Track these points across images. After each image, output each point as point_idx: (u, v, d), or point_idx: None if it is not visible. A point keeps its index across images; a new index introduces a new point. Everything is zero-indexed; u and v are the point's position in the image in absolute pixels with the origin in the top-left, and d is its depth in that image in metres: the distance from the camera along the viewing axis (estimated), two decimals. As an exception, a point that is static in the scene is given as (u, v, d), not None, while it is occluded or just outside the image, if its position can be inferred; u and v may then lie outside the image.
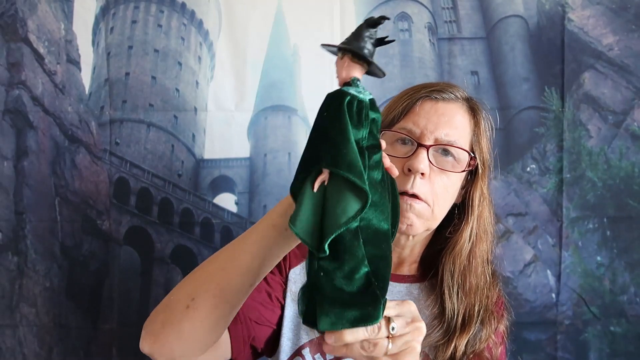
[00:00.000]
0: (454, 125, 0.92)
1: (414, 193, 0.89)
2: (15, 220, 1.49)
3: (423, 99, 0.93)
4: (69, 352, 1.50)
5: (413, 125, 0.91)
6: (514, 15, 1.58)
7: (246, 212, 1.57)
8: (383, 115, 0.97)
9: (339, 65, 0.64)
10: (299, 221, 0.59)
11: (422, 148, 0.89)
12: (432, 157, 0.90)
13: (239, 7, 1.57)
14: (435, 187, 0.91)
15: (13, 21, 1.49)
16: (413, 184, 0.88)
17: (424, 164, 0.88)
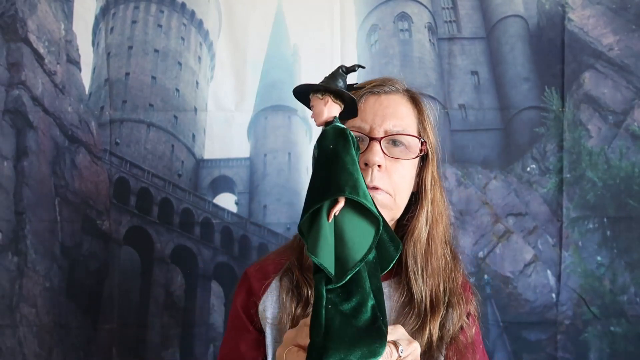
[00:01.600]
0: (399, 115, 0.96)
1: (374, 186, 0.92)
2: (15, 220, 1.49)
3: (366, 95, 0.97)
4: (69, 352, 1.50)
5: (362, 122, 0.94)
6: (514, 15, 1.58)
7: (246, 212, 1.57)
8: None
9: (319, 105, 0.68)
10: (320, 251, 0.60)
11: (375, 141, 0.93)
12: (385, 149, 0.93)
13: (239, 7, 1.57)
14: (393, 177, 0.94)
15: (13, 21, 1.49)
16: (372, 177, 0.92)
17: (379, 156, 0.92)
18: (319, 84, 0.68)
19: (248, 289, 0.99)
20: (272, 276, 0.99)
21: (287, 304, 0.95)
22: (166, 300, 1.53)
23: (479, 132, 1.56)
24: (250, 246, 1.55)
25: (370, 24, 1.58)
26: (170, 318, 1.53)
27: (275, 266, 1.01)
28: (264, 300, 0.97)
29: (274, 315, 0.96)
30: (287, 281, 0.97)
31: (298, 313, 0.94)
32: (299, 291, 0.95)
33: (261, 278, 0.99)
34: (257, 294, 0.98)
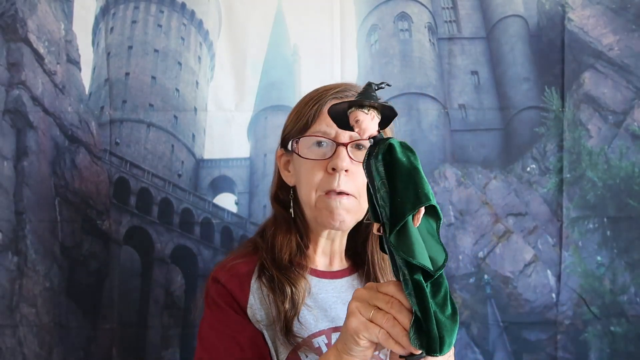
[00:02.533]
0: None
1: (341, 191, 0.95)
2: (15, 220, 1.49)
3: (330, 100, 0.99)
4: (69, 352, 1.50)
5: (327, 127, 0.97)
6: (514, 15, 1.58)
7: (246, 212, 1.57)
8: (293, 121, 1.04)
9: (367, 119, 0.72)
10: (418, 254, 0.68)
11: (342, 146, 0.96)
12: (351, 153, 0.96)
13: (239, 7, 1.57)
14: (358, 181, 0.96)
15: (13, 21, 1.49)
16: (339, 182, 0.95)
17: (346, 161, 0.95)
18: (366, 100, 0.72)
19: (226, 295, 0.98)
20: (248, 278, 0.99)
21: (273, 302, 0.97)
22: (166, 300, 1.53)
23: (479, 132, 1.56)
24: (250, 246, 1.55)
25: (370, 24, 1.58)
26: (170, 318, 1.53)
27: (246, 268, 1.01)
28: (250, 304, 0.98)
29: (263, 317, 0.97)
30: (266, 280, 0.98)
31: (287, 309, 0.95)
32: (282, 289, 0.96)
33: (238, 283, 0.99)
34: (239, 298, 0.98)
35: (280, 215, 1.05)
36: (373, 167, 0.72)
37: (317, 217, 0.99)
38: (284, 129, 1.07)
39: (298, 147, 0.99)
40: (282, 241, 1.02)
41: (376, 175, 0.71)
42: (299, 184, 1.02)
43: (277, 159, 1.08)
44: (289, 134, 1.03)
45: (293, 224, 1.03)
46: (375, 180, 0.71)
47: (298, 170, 1.02)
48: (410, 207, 0.68)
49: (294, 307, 0.96)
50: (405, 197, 0.68)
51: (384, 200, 0.70)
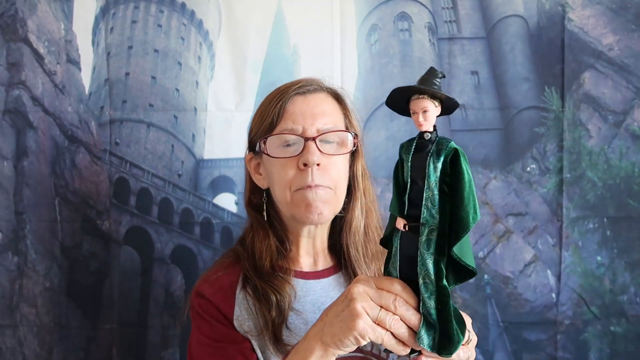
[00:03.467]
0: (327, 113, 0.99)
1: (316, 184, 0.95)
2: (15, 220, 1.49)
3: (292, 97, 0.99)
4: (69, 352, 1.50)
5: (293, 124, 0.97)
6: (514, 15, 1.58)
7: (246, 212, 1.56)
8: (257, 122, 1.03)
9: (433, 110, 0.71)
10: (469, 259, 0.70)
11: (310, 141, 0.95)
12: (320, 147, 0.96)
13: (239, 7, 1.57)
14: (331, 172, 0.97)
15: (13, 21, 1.49)
16: (312, 176, 0.95)
17: (317, 155, 0.95)
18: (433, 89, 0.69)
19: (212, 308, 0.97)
20: (232, 290, 0.98)
21: (259, 312, 0.95)
22: (166, 300, 1.53)
23: (479, 132, 1.56)
24: (250, 246, 1.55)
25: (370, 24, 1.58)
26: (170, 318, 1.53)
27: (229, 279, 1.00)
28: (237, 316, 0.97)
29: (251, 327, 0.96)
30: (250, 290, 0.97)
31: (274, 316, 0.94)
32: (267, 297, 0.95)
33: (222, 295, 0.98)
34: (225, 311, 0.97)
35: (256, 221, 1.04)
36: (430, 165, 0.70)
37: (294, 213, 0.98)
38: (249, 132, 1.06)
39: (266, 147, 0.98)
40: (261, 247, 1.00)
41: (432, 174, 0.70)
42: (272, 185, 1.01)
43: (247, 163, 1.07)
44: (256, 135, 1.02)
45: (270, 227, 1.02)
46: (428, 179, 0.70)
47: (270, 171, 1.01)
48: (472, 220, 0.68)
49: (281, 314, 0.95)
50: (469, 208, 0.68)
51: (432, 202, 0.69)
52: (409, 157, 0.72)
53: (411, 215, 0.71)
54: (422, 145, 0.72)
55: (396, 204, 0.73)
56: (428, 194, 0.70)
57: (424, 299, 0.70)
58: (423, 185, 0.70)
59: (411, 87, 0.70)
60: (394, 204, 0.73)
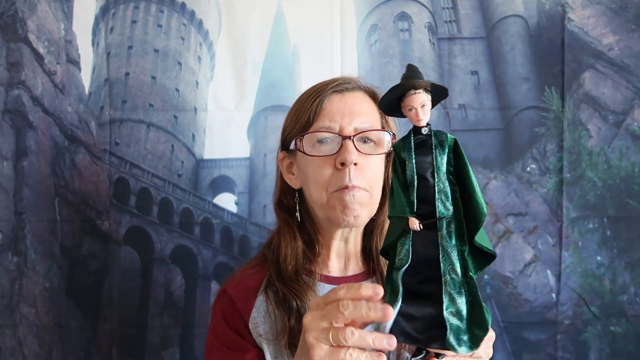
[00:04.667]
0: (365, 112, 0.97)
1: (353, 185, 0.92)
2: (15, 220, 1.49)
3: (329, 95, 0.96)
4: (69, 352, 1.50)
5: (330, 122, 0.94)
6: (514, 15, 1.58)
7: (246, 212, 1.57)
8: (292, 120, 1.00)
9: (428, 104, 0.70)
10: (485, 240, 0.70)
11: (348, 140, 0.93)
12: (358, 146, 0.93)
13: (239, 7, 1.57)
14: (367, 173, 0.94)
15: (13, 21, 1.49)
16: (350, 176, 0.92)
17: (355, 154, 0.92)
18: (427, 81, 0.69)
19: (232, 309, 0.97)
20: (255, 292, 0.97)
21: (279, 317, 0.94)
22: (166, 300, 1.53)
23: (479, 132, 1.56)
24: (250, 246, 1.55)
25: (370, 24, 1.58)
26: (170, 318, 1.53)
27: (255, 281, 0.99)
28: (253, 318, 0.96)
29: (266, 331, 0.94)
30: (272, 294, 0.96)
31: (292, 324, 0.92)
32: (288, 304, 0.94)
33: (245, 296, 0.97)
34: (244, 312, 0.96)
35: (285, 223, 1.01)
36: (437, 158, 0.70)
37: (329, 215, 0.95)
38: (283, 131, 1.04)
39: (302, 145, 0.95)
40: (287, 251, 0.98)
41: (441, 166, 0.70)
42: (306, 185, 0.98)
43: (279, 163, 1.04)
44: (290, 134, 1.00)
45: (299, 230, 1.00)
46: (438, 172, 0.69)
47: (304, 170, 0.98)
48: (485, 205, 0.68)
49: (300, 321, 0.90)
50: (480, 195, 0.69)
51: (445, 195, 0.69)
52: (411, 154, 0.71)
53: (421, 213, 0.70)
54: (421, 141, 0.71)
55: (405, 204, 0.71)
56: (440, 187, 0.69)
57: (452, 298, 0.68)
58: (433, 180, 0.70)
59: (408, 84, 0.70)
60: (401, 205, 0.71)
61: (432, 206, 0.69)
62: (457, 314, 0.68)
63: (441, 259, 0.69)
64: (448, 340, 0.67)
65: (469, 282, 0.69)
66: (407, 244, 0.71)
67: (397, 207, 0.72)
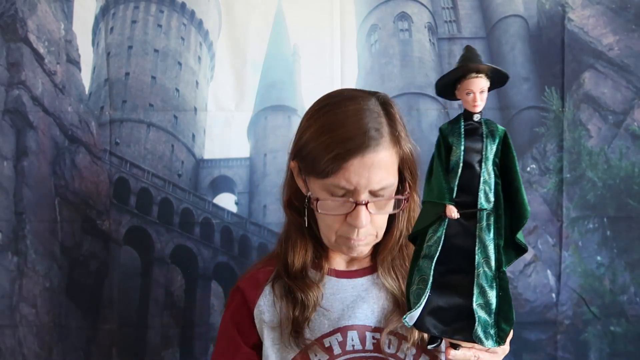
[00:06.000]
0: (383, 169, 0.91)
1: (360, 239, 0.94)
2: (15, 220, 1.49)
3: (352, 156, 0.88)
4: (69, 352, 1.50)
5: (346, 183, 0.89)
6: (514, 15, 1.58)
7: (246, 212, 1.57)
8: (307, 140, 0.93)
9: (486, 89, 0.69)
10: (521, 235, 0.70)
11: (361, 206, 0.89)
12: (371, 209, 0.91)
13: (239, 7, 1.57)
14: (377, 223, 0.95)
15: (13, 21, 1.49)
16: (358, 235, 0.93)
17: (366, 219, 0.90)
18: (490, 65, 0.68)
19: (240, 299, 1.02)
20: (264, 283, 1.01)
21: (284, 307, 0.97)
22: (166, 300, 1.53)
23: (479, 132, 1.56)
24: (250, 246, 1.55)
25: (370, 24, 1.58)
26: (170, 318, 1.53)
27: (265, 274, 1.03)
28: (259, 305, 0.99)
29: (270, 319, 0.98)
30: (278, 287, 1.00)
31: (296, 315, 0.95)
32: (293, 295, 0.97)
33: (253, 286, 1.01)
34: (251, 300, 1.00)
35: (294, 223, 1.02)
36: (487, 147, 0.68)
37: (334, 248, 0.99)
38: (299, 137, 0.97)
39: (311, 186, 0.93)
40: (295, 250, 1.00)
41: (490, 156, 0.68)
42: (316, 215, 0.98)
43: (291, 168, 1.01)
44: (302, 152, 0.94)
45: (308, 229, 1.00)
46: (486, 162, 0.68)
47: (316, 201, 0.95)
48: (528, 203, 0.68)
49: (304, 313, 0.95)
50: (524, 191, 0.68)
51: (489, 186, 0.68)
52: (460, 140, 0.68)
53: (459, 201, 0.68)
54: (472, 128, 0.69)
55: (445, 190, 0.68)
56: (485, 178, 0.67)
57: (483, 291, 0.67)
58: (480, 169, 0.67)
59: (471, 66, 0.68)
60: (440, 190, 0.68)
61: (471, 196, 0.67)
62: (485, 307, 0.68)
63: (477, 250, 0.67)
64: (476, 333, 0.67)
65: (501, 276, 0.68)
66: (439, 232, 0.69)
67: (435, 193, 0.69)
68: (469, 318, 0.67)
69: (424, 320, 0.69)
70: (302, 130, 0.97)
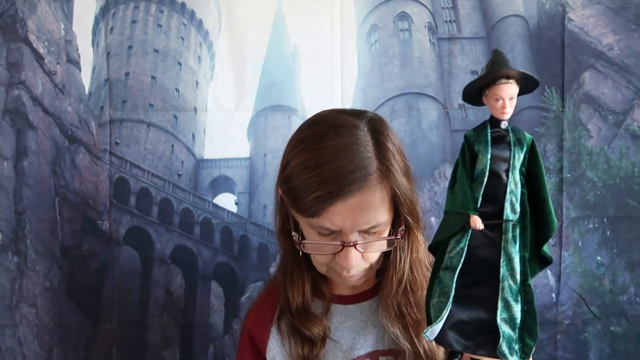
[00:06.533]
0: (371, 209, 0.84)
1: (352, 275, 0.90)
2: (15, 220, 1.49)
3: (336, 203, 0.82)
4: (69, 352, 1.50)
5: (331, 225, 0.84)
6: (514, 15, 1.58)
7: (246, 212, 1.57)
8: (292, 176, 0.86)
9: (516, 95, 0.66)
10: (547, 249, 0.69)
11: (349, 247, 0.85)
12: (360, 245, 0.85)
13: (239, 7, 1.57)
14: (369, 257, 0.90)
15: (13, 21, 1.49)
16: (349, 271, 0.88)
17: (355, 260, 0.86)
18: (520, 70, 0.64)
19: (252, 342, 1.02)
20: (270, 323, 1.00)
21: (293, 346, 0.95)
22: (166, 300, 1.53)
23: (479, 132, 1.56)
24: (250, 246, 1.55)
25: (370, 24, 1.58)
26: (170, 318, 1.53)
27: (270, 311, 1.01)
28: (269, 349, 0.99)
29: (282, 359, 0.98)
30: (284, 324, 0.97)
31: (306, 353, 0.94)
32: (299, 332, 0.94)
33: (261, 328, 1.00)
34: (261, 345, 1.00)
35: (289, 250, 0.97)
36: (515, 156, 0.66)
37: (329, 276, 0.95)
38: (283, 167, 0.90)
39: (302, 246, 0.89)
40: (293, 284, 0.97)
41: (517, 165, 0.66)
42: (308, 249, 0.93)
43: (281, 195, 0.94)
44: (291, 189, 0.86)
45: (304, 257, 0.95)
46: (513, 171, 0.66)
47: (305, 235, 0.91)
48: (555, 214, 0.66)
49: (312, 350, 0.94)
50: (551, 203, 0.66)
51: (515, 196, 0.65)
52: (487, 148, 0.66)
53: (484, 211, 0.65)
54: (499, 136, 0.67)
55: (470, 199, 0.65)
56: (512, 187, 0.65)
57: (507, 304, 0.66)
58: (507, 179, 0.65)
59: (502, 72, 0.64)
60: (464, 199, 0.65)
61: (496, 206, 0.65)
62: (510, 322, 0.65)
63: (502, 263, 0.65)
64: (500, 348, 0.64)
65: (526, 290, 0.67)
66: (462, 243, 0.66)
67: (458, 202, 0.66)
68: (492, 332, 0.65)
69: (446, 335, 0.66)
70: (286, 158, 0.90)
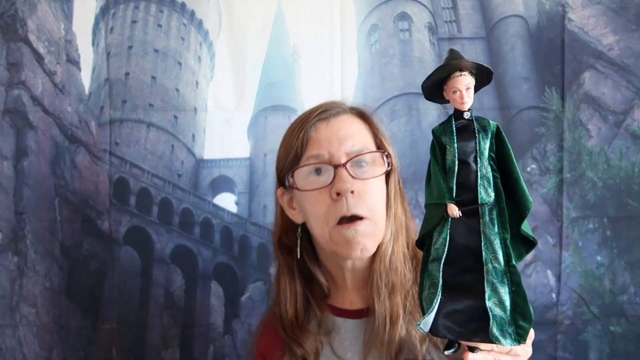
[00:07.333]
0: (354, 135, 0.92)
1: (353, 214, 0.88)
2: (15, 220, 1.49)
3: (315, 124, 0.91)
4: (69, 352, 1.50)
5: (318, 150, 0.89)
6: (514, 15, 1.58)
7: (246, 212, 1.57)
8: (282, 156, 0.96)
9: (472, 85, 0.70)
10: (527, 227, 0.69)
11: (340, 168, 0.88)
12: (352, 172, 0.88)
13: (239, 7, 1.57)
14: (367, 200, 0.89)
15: (13, 21, 1.49)
16: (348, 206, 0.87)
17: (349, 181, 0.87)
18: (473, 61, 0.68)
19: None
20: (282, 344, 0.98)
21: None
22: (166, 300, 1.53)
23: (479, 132, 1.56)
24: (250, 246, 1.55)
25: (370, 24, 1.58)
26: (170, 318, 1.53)
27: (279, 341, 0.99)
28: None
29: None
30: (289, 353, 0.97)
31: None
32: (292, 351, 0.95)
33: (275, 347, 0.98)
34: None
35: (284, 264, 0.98)
36: (481, 143, 0.68)
37: (335, 251, 0.92)
38: (277, 166, 0.99)
39: (294, 180, 0.91)
40: (286, 295, 0.97)
41: (484, 151, 0.68)
42: (308, 220, 0.95)
43: (279, 199, 0.99)
44: (283, 169, 0.95)
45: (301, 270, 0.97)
46: (481, 157, 0.68)
47: (303, 205, 0.94)
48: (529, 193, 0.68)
49: None
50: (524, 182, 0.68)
51: (487, 181, 0.67)
52: (453, 138, 0.69)
53: (461, 200, 0.67)
54: (463, 126, 0.70)
55: (444, 190, 0.68)
56: (482, 173, 0.67)
57: (494, 287, 0.66)
58: (476, 165, 0.68)
59: (454, 64, 0.68)
60: (439, 191, 0.68)
61: (472, 192, 0.67)
62: (500, 305, 0.66)
63: (483, 247, 0.67)
64: (492, 331, 0.65)
65: (512, 270, 0.67)
66: (444, 233, 0.68)
67: (435, 194, 0.69)
68: (484, 318, 0.65)
69: (438, 325, 0.68)
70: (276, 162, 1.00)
